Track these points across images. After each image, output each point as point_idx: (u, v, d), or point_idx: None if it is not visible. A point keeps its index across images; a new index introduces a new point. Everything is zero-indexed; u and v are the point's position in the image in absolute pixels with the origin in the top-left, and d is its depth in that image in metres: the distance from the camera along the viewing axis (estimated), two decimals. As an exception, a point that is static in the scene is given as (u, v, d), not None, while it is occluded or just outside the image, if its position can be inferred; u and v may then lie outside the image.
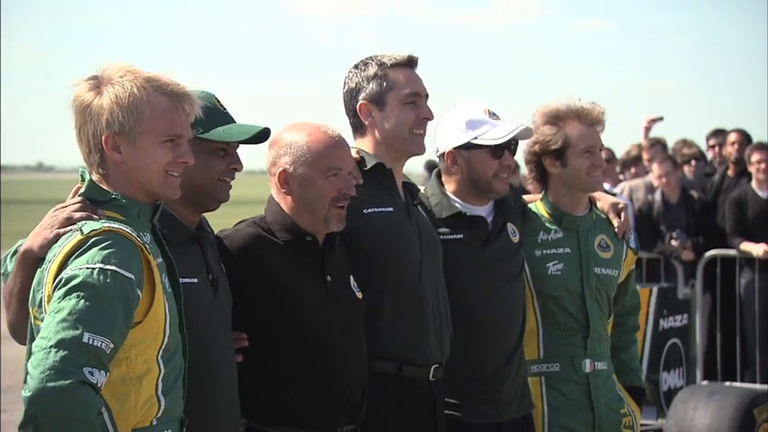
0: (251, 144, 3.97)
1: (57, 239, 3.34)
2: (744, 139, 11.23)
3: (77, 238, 3.27)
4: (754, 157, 10.48)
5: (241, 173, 4.04)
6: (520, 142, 4.93)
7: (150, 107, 3.41)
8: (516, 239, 4.95)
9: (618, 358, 5.30)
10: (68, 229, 3.34)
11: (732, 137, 11.27)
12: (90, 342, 3.13)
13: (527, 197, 5.26)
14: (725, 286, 10.15)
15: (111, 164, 3.42)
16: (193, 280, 3.79)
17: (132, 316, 3.27)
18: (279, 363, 4.11)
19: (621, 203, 5.30)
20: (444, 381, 4.55)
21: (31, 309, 3.36)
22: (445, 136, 4.84)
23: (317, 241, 4.21)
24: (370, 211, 4.41)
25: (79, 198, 3.45)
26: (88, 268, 3.20)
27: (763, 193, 10.40)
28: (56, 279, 3.24)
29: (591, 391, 5.06)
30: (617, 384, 5.21)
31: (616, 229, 5.22)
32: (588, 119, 5.04)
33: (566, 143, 5.02)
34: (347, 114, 4.57)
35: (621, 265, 5.23)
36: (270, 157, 4.22)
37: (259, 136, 3.95)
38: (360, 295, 4.29)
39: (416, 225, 4.53)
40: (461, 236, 4.78)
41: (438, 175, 4.91)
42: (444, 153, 4.84)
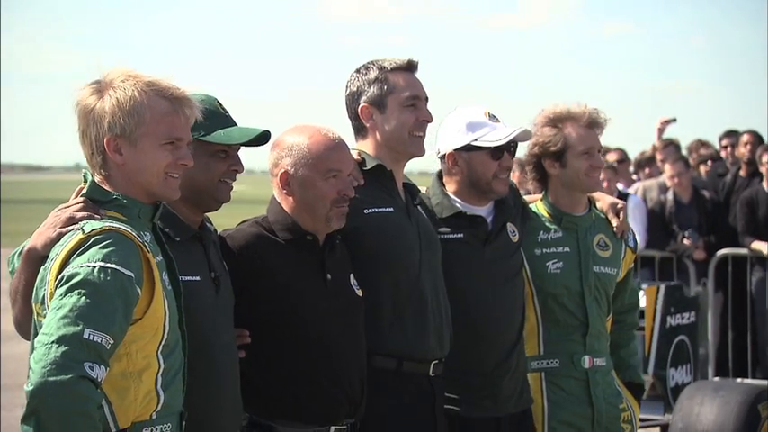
0: (251, 146, 3.98)
1: (59, 238, 3.37)
2: (756, 140, 11.18)
3: (79, 236, 3.30)
4: (765, 158, 10.44)
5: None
6: (520, 144, 4.94)
7: (151, 111, 3.43)
8: (516, 239, 4.95)
9: (617, 355, 5.29)
10: (70, 228, 3.37)
11: (745, 138, 11.23)
12: (90, 338, 3.15)
13: (527, 197, 5.27)
14: (736, 285, 10.10)
15: (112, 165, 3.45)
16: (196, 278, 3.81)
17: (132, 312, 3.29)
18: (280, 359, 4.12)
19: (620, 204, 5.30)
20: (444, 376, 4.55)
21: (34, 305, 3.38)
22: (446, 138, 4.85)
23: (317, 241, 4.22)
24: (370, 211, 4.42)
25: (81, 198, 3.47)
26: (89, 266, 3.23)
27: (775, 194, 10.37)
28: (58, 276, 3.26)
29: (590, 387, 5.06)
30: (616, 380, 5.21)
31: (615, 229, 5.23)
32: (587, 121, 5.04)
33: (565, 145, 5.02)
34: (349, 117, 4.58)
35: (620, 264, 5.23)
36: (272, 159, 4.24)
37: (259, 138, 3.96)
38: (359, 293, 4.30)
39: (416, 225, 4.54)
40: (461, 235, 4.79)
41: (439, 175, 4.92)
42: (445, 154, 4.85)
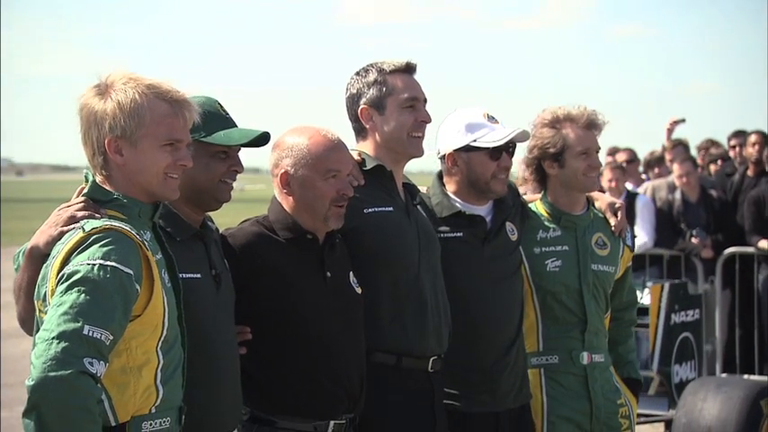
0: (251, 147, 3.99)
1: (61, 237, 3.39)
2: (764, 140, 11.11)
3: (79, 235, 3.32)
4: None
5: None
6: (519, 145, 4.95)
7: (151, 113, 3.46)
8: (514, 238, 4.96)
9: (615, 351, 5.30)
10: (72, 227, 3.39)
11: (752, 138, 11.17)
12: (90, 334, 3.18)
13: (527, 197, 5.28)
14: (743, 282, 10.07)
15: (113, 166, 3.47)
16: (196, 275, 3.82)
17: (131, 309, 3.31)
18: (281, 356, 4.14)
19: (618, 203, 5.30)
20: (444, 372, 4.56)
21: (36, 302, 3.41)
22: (446, 139, 4.86)
23: (317, 239, 4.23)
24: (370, 210, 4.43)
25: (83, 198, 3.50)
26: (89, 264, 3.25)
27: (781, 193, 10.34)
28: (59, 274, 3.29)
29: (588, 382, 5.07)
30: (614, 376, 5.22)
31: (613, 228, 5.23)
32: (585, 123, 5.05)
33: (563, 146, 5.03)
34: (350, 119, 4.59)
35: (618, 262, 5.23)
36: (273, 159, 4.25)
37: (259, 140, 3.97)
38: (359, 291, 4.31)
39: (415, 224, 4.55)
40: (461, 234, 4.80)
41: (439, 175, 4.94)
42: (445, 155, 4.87)
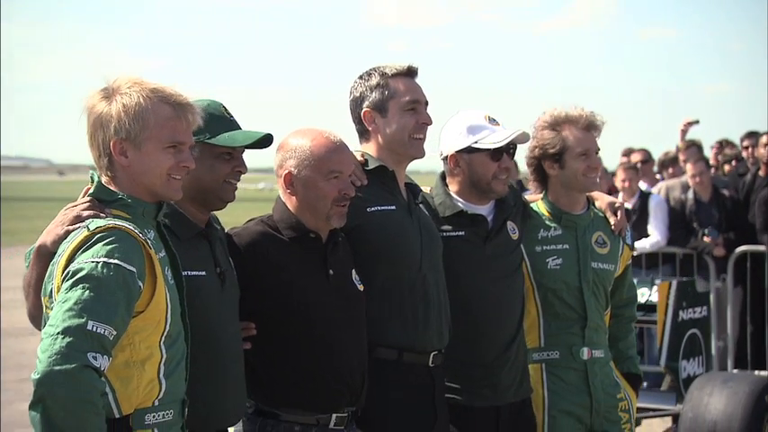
0: (254, 149, 4.02)
1: (67, 235, 3.44)
2: (776, 141, 11.12)
3: (84, 234, 3.36)
4: None
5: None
6: (520, 146, 4.98)
7: (155, 116, 3.49)
8: (515, 236, 4.97)
9: (616, 347, 5.31)
10: (77, 226, 3.43)
11: (764, 139, 11.12)
12: (94, 329, 3.22)
13: (529, 197, 5.29)
14: (755, 280, 10.04)
15: (118, 167, 3.51)
16: (201, 273, 3.87)
17: (134, 305, 3.35)
18: (284, 351, 4.17)
19: (618, 203, 5.31)
20: (445, 367, 4.58)
21: (43, 298, 3.45)
22: (448, 140, 4.88)
23: (320, 238, 4.26)
24: (373, 209, 4.46)
25: (88, 198, 3.54)
26: (93, 262, 3.29)
27: (791, 193, 10.31)
28: (64, 271, 3.33)
29: (588, 377, 5.08)
30: (614, 371, 5.22)
31: (613, 227, 5.24)
32: (584, 124, 5.05)
33: (563, 147, 5.04)
34: (353, 121, 4.62)
35: (618, 260, 5.24)
36: (277, 161, 4.28)
37: (262, 141, 4.00)
38: (361, 288, 4.33)
39: (417, 222, 4.57)
40: (463, 233, 4.82)
41: (442, 176, 4.96)
42: (447, 156, 4.89)
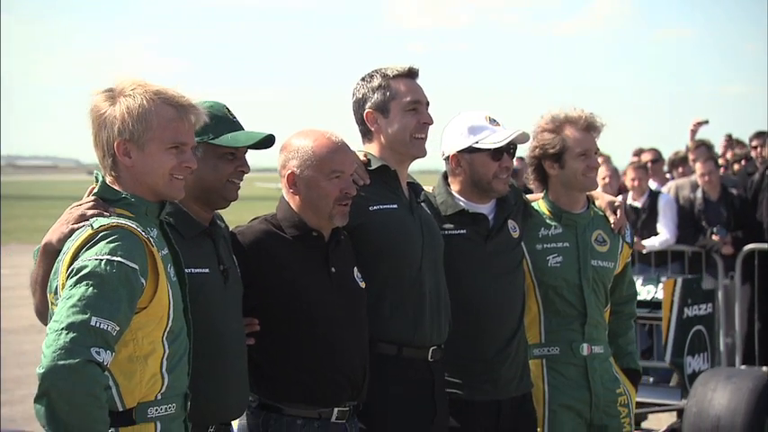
0: (257, 149, 4.04)
1: (72, 233, 3.47)
2: (784, 141, 11.14)
3: (88, 232, 3.39)
4: None
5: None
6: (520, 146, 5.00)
7: (158, 117, 3.52)
8: (516, 234, 4.99)
9: (615, 343, 5.33)
10: (81, 224, 3.46)
11: (772, 139, 11.20)
12: (97, 325, 3.25)
13: (530, 196, 5.32)
14: (762, 278, 10.05)
15: (122, 167, 3.54)
16: (204, 270, 3.90)
17: (136, 302, 3.38)
18: (287, 347, 4.19)
19: (617, 201, 5.33)
20: (446, 362, 4.61)
21: (48, 295, 3.49)
22: (449, 141, 4.90)
23: (322, 236, 4.29)
24: (375, 208, 4.49)
25: (93, 197, 3.57)
26: (96, 259, 3.33)
27: (799, 192, 10.32)
28: (68, 269, 3.36)
29: (588, 373, 5.10)
30: (614, 366, 5.24)
31: (612, 225, 5.26)
32: (583, 125, 5.07)
33: (563, 147, 5.06)
34: (356, 122, 4.64)
35: (617, 258, 5.26)
36: (280, 161, 4.31)
37: (264, 142, 4.02)
38: (363, 285, 4.36)
39: (419, 221, 4.59)
40: (464, 231, 4.85)
41: (444, 176, 4.98)
42: (449, 156, 4.92)
